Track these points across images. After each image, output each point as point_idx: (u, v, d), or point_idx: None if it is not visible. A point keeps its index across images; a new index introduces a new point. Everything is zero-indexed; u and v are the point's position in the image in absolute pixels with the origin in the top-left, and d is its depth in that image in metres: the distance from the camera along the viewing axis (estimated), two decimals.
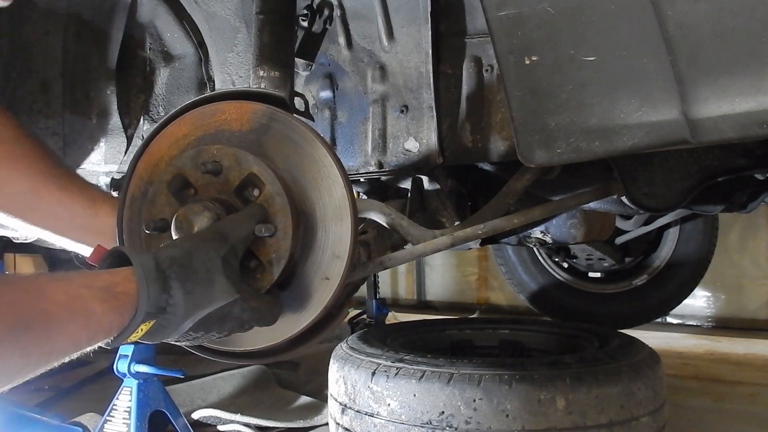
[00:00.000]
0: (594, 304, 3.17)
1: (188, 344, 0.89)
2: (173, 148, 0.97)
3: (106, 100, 1.71)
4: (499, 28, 0.87)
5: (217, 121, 0.96)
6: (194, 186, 0.92)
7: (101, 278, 0.73)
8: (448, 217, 1.67)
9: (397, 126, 1.46)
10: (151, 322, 0.74)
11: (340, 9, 1.47)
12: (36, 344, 0.63)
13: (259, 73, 1.24)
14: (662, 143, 0.84)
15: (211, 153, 0.91)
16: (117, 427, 1.79)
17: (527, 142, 0.90)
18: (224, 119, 0.95)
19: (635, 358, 1.56)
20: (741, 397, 2.61)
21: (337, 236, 0.92)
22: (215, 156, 0.91)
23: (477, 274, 5.31)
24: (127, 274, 0.74)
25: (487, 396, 1.36)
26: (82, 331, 0.68)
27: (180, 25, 1.70)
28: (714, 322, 4.34)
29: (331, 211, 0.92)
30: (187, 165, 0.92)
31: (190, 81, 1.74)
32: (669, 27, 0.78)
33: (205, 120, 0.96)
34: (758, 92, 0.76)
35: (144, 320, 0.73)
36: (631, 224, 2.94)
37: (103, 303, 0.70)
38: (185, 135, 0.97)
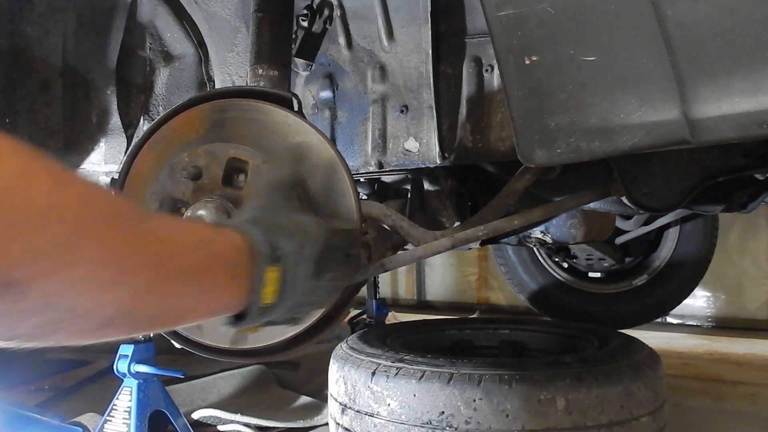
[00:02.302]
0: (594, 304, 3.17)
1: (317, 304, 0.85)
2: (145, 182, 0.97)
3: (106, 100, 1.71)
4: (499, 28, 0.87)
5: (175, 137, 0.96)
6: (184, 201, 0.92)
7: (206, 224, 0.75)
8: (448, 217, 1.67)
9: (397, 126, 1.46)
10: (276, 269, 0.72)
11: (340, 9, 1.47)
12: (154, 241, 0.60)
13: (257, 72, 1.24)
14: (662, 143, 0.84)
15: (183, 161, 0.92)
16: (117, 427, 1.79)
17: (527, 142, 0.90)
18: (179, 134, 0.96)
19: (635, 358, 1.56)
20: (741, 397, 2.61)
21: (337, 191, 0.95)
22: (188, 162, 0.91)
23: (477, 274, 5.31)
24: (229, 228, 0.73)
25: (487, 396, 1.36)
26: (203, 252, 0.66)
27: (180, 25, 1.70)
28: (714, 322, 4.33)
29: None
30: (167, 185, 0.92)
31: (190, 81, 1.74)
32: (669, 27, 0.78)
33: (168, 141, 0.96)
34: (758, 92, 0.76)
35: (267, 263, 0.71)
36: (631, 224, 2.94)
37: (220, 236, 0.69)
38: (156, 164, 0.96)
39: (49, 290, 0.48)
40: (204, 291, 0.66)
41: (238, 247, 0.70)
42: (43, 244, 0.47)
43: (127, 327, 0.60)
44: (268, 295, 0.72)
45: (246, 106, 0.95)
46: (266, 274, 0.71)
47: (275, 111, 0.95)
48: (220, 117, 0.95)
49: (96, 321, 0.55)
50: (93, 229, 0.52)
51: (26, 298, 0.47)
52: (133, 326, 0.61)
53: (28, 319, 0.49)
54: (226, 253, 0.69)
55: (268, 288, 0.72)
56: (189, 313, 0.66)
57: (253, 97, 0.97)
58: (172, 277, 0.61)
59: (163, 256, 0.60)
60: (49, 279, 0.48)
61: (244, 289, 0.70)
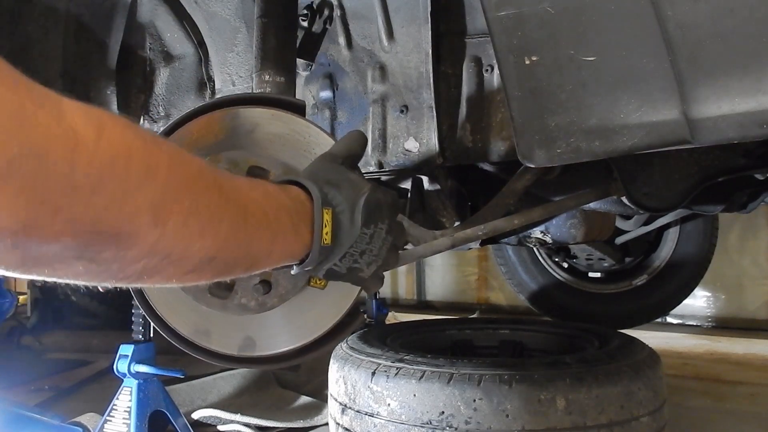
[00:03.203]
0: (594, 304, 3.17)
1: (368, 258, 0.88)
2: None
3: (106, 100, 1.71)
4: (499, 28, 0.87)
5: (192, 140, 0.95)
6: None
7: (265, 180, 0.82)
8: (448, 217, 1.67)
9: (397, 126, 1.46)
10: (330, 210, 0.81)
11: (340, 9, 1.47)
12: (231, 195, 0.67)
13: (263, 78, 1.23)
14: (662, 143, 0.84)
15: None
16: (117, 427, 1.79)
17: (527, 142, 0.90)
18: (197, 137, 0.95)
19: (635, 358, 1.56)
20: (741, 397, 2.61)
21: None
22: None
23: (477, 274, 5.31)
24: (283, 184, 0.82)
25: (487, 396, 1.36)
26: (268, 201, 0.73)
27: (180, 25, 1.70)
28: (714, 322, 4.34)
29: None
30: None
31: (190, 81, 1.74)
32: (669, 27, 0.78)
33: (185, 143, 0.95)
34: (758, 92, 0.76)
35: (322, 206, 0.80)
36: (631, 224, 2.94)
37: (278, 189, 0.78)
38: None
39: (150, 240, 0.55)
40: (275, 236, 0.73)
41: (298, 196, 0.80)
42: (142, 201, 0.54)
43: (212, 272, 0.67)
44: (326, 236, 0.80)
45: (265, 114, 0.95)
46: (324, 217, 0.80)
47: (296, 120, 0.95)
48: (238, 123, 0.95)
49: (187, 266, 0.62)
50: (182, 187, 0.59)
51: (132, 246, 0.54)
52: (217, 271, 0.68)
53: (133, 264, 0.56)
54: (289, 203, 0.77)
55: (326, 229, 0.80)
56: (263, 258, 0.74)
57: (270, 104, 0.97)
58: (249, 226, 0.68)
59: (241, 208, 0.68)
60: (149, 231, 0.55)
61: (307, 231, 0.79)
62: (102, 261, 0.54)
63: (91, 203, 0.49)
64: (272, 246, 0.73)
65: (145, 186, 0.54)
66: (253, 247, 0.70)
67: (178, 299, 0.97)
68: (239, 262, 0.70)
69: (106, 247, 0.53)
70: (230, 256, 0.68)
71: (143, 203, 0.54)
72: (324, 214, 0.79)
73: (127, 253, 0.55)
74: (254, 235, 0.70)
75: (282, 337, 0.96)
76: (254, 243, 0.70)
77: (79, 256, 0.52)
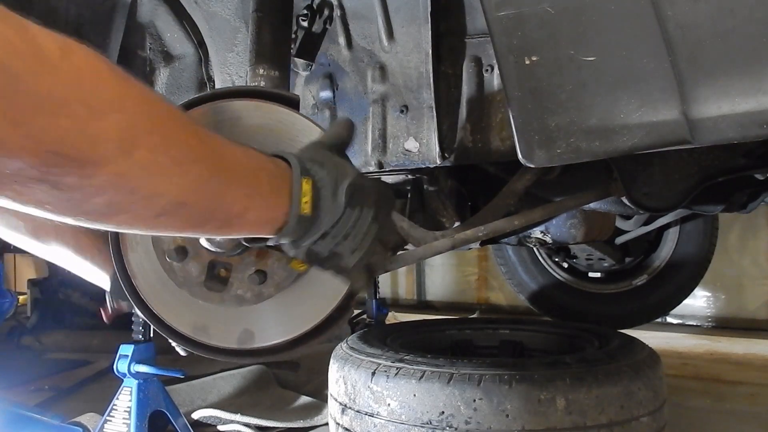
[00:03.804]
0: (594, 304, 3.17)
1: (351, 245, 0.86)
2: None
3: None
4: (499, 28, 0.87)
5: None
6: None
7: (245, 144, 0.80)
8: (448, 217, 1.67)
9: (397, 126, 1.46)
10: (309, 180, 0.78)
11: (340, 9, 1.47)
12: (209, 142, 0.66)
13: (258, 72, 1.23)
14: (662, 143, 0.84)
15: None
16: (117, 427, 1.79)
17: (527, 143, 0.90)
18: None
19: (635, 358, 1.56)
20: (741, 397, 2.61)
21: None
22: None
23: (477, 274, 5.31)
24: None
25: (487, 396, 1.36)
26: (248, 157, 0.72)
27: (180, 25, 1.70)
28: (714, 322, 4.33)
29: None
30: None
31: (190, 81, 1.74)
32: (669, 27, 0.78)
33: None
34: (758, 92, 0.76)
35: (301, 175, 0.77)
36: (631, 224, 2.93)
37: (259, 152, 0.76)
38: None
39: (114, 170, 0.54)
40: (252, 194, 0.72)
41: (280, 164, 0.78)
42: (108, 127, 0.53)
43: (182, 220, 0.66)
44: (305, 205, 0.78)
45: (248, 106, 0.95)
46: (302, 185, 0.77)
47: (279, 111, 0.95)
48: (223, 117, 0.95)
49: (155, 207, 0.61)
50: (154, 121, 0.58)
51: (95, 175, 0.53)
52: (188, 220, 0.67)
53: (96, 195, 0.55)
54: (271, 166, 0.76)
55: (305, 198, 0.77)
56: (238, 216, 0.71)
57: (261, 97, 0.96)
58: (224, 176, 0.67)
59: (217, 155, 0.66)
60: (114, 159, 0.54)
61: (287, 198, 0.76)
62: (65, 187, 0.53)
63: (53, 121, 0.49)
64: (248, 203, 0.71)
65: (113, 113, 0.53)
66: (227, 199, 0.68)
67: (175, 297, 0.97)
68: (212, 214, 0.68)
69: (69, 171, 0.52)
70: (202, 205, 0.66)
71: (110, 129, 0.53)
72: (303, 183, 0.77)
73: (91, 180, 0.54)
74: (229, 186, 0.68)
75: (280, 327, 0.96)
76: (228, 195, 0.68)
77: (41, 179, 0.51)
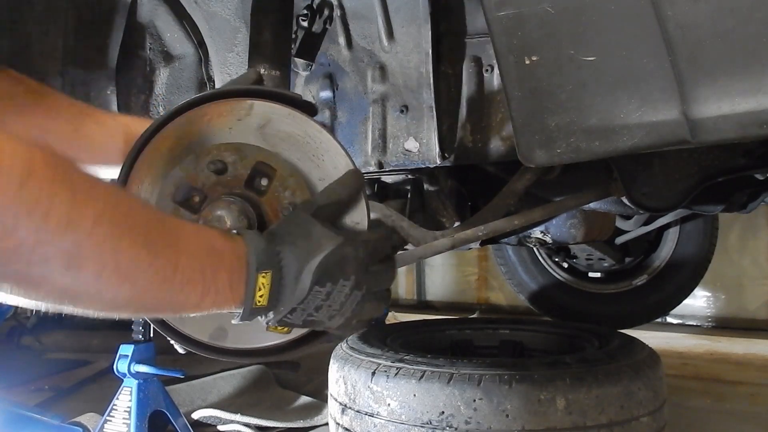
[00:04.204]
0: (594, 304, 3.17)
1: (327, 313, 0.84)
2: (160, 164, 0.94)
3: (106, 100, 1.71)
4: (499, 28, 0.87)
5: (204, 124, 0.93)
6: (201, 190, 0.90)
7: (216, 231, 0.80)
8: (448, 217, 1.67)
9: (397, 126, 1.46)
10: (268, 274, 0.77)
11: (340, 9, 1.47)
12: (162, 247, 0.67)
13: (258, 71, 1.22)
14: (662, 143, 0.84)
15: (211, 152, 0.91)
16: (117, 427, 1.79)
17: (527, 142, 0.90)
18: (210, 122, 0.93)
19: (635, 358, 1.56)
20: (741, 397, 2.61)
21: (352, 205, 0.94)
22: (216, 155, 0.91)
23: (477, 274, 5.31)
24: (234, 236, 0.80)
25: (487, 396, 1.36)
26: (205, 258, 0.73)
27: (180, 25, 1.70)
28: (714, 322, 4.33)
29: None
30: (188, 171, 0.90)
31: (190, 81, 1.74)
32: (669, 27, 0.78)
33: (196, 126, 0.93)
34: (758, 92, 0.76)
35: (259, 269, 0.77)
36: (631, 224, 2.93)
37: (223, 240, 0.76)
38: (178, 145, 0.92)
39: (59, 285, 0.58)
40: (206, 291, 0.73)
41: (239, 254, 0.77)
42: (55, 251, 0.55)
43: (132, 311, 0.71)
44: (260, 299, 0.78)
45: (281, 111, 0.94)
46: (258, 280, 0.77)
47: (310, 124, 0.94)
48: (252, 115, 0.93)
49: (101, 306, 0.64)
50: (105, 242, 0.59)
51: (40, 287, 0.57)
52: (137, 311, 0.72)
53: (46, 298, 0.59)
54: (232, 261, 0.76)
55: (261, 292, 0.78)
56: (192, 307, 0.74)
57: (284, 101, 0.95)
58: (177, 280, 0.69)
59: (171, 263, 0.68)
60: (59, 277, 0.57)
61: (241, 292, 0.77)
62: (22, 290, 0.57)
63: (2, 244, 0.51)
64: (202, 298, 0.73)
65: (63, 237, 0.55)
66: (178, 298, 0.71)
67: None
68: (162, 308, 0.73)
69: (16, 282, 0.56)
70: (150, 304, 0.70)
71: (56, 252, 0.55)
72: (260, 278, 0.77)
73: (38, 291, 0.58)
74: (182, 288, 0.70)
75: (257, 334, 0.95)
76: (180, 295, 0.70)
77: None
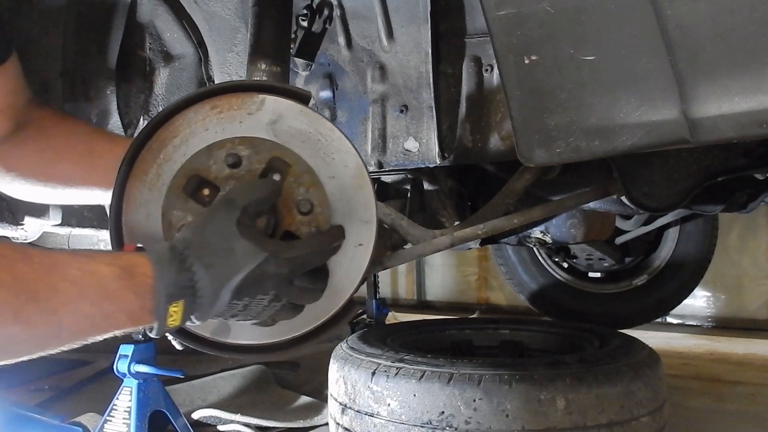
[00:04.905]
0: (594, 304, 3.17)
1: (243, 318, 0.85)
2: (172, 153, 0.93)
3: (106, 100, 1.71)
4: (499, 28, 0.87)
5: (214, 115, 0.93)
6: (212, 183, 0.90)
7: (123, 258, 0.74)
8: (447, 217, 1.67)
9: (396, 126, 1.46)
10: (179, 303, 0.74)
11: (340, 9, 1.47)
12: (39, 318, 0.64)
13: (258, 66, 1.22)
14: (662, 143, 0.84)
15: (225, 145, 0.90)
16: (117, 427, 1.79)
17: (527, 142, 0.90)
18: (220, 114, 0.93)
19: (635, 358, 1.56)
20: (741, 397, 2.61)
21: (361, 203, 0.93)
22: (231, 148, 0.90)
23: (477, 274, 5.31)
24: (145, 259, 0.74)
25: (487, 396, 1.36)
26: (93, 308, 0.69)
27: (180, 25, 1.70)
28: (714, 322, 4.33)
29: (350, 180, 0.93)
30: (201, 164, 0.90)
31: (189, 81, 1.74)
32: (669, 27, 0.78)
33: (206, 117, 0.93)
34: (758, 92, 0.76)
35: (168, 302, 0.73)
36: (631, 224, 2.93)
37: (120, 281, 0.71)
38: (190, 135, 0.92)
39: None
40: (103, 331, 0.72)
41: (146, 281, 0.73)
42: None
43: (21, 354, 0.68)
44: (173, 322, 0.75)
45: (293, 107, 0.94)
46: (169, 309, 0.73)
47: (321, 121, 0.94)
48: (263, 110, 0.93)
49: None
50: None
51: None
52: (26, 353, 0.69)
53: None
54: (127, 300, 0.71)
55: (172, 317, 0.74)
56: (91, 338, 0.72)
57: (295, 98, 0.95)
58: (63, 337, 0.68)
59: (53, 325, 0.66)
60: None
61: (147, 320, 0.74)
62: None
63: None
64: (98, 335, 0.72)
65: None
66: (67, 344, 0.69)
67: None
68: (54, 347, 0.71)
69: None
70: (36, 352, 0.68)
71: None
72: (170, 308, 0.73)
73: None
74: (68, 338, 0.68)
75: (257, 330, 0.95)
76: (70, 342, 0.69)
77: None
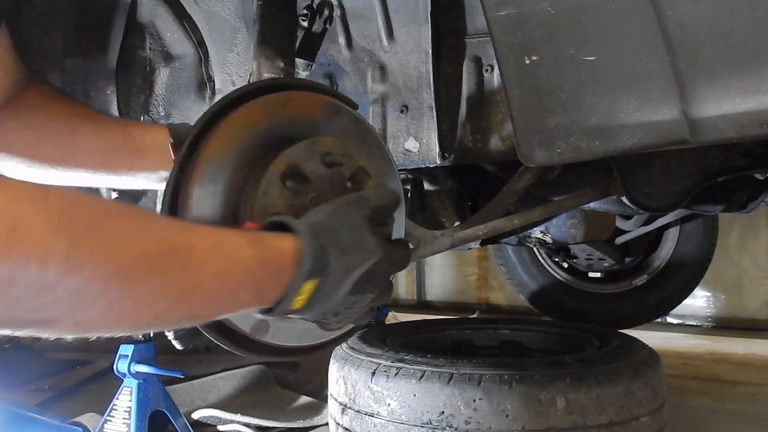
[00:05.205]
0: (594, 304, 3.17)
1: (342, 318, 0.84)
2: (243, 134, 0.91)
3: (106, 100, 1.71)
4: (499, 28, 0.87)
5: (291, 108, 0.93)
6: (309, 177, 0.89)
7: (253, 233, 0.74)
8: (448, 217, 1.67)
9: (397, 126, 1.46)
10: (314, 282, 0.73)
11: (340, 9, 1.47)
12: (178, 272, 0.62)
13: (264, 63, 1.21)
14: (662, 143, 0.84)
15: (326, 145, 0.90)
16: (117, 427, 1.79)
17: (527, 142, 0.90)
18: (295, 108, 0.93)
19: (635, 358, 1.56)
20: (741, 397, 2.61)
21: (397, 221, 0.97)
22: (331, 148, 0.90)
23: (477, 274, 5.31)
24: (281, 234, 0.74)
25: (487, 396, 1.36)
26: (229, 272, 0.67)
27: (180, 25, 1.70)
28: (714, 322, 4.33)
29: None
30: (301, 156, 0.89)
31: (190, 81, 1.74)
32: (669, 27, 0.78)
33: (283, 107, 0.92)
34: (758, 92, 0.76)
35: (307, 277, 0.72)
36: (631, 224, 2.93)
37: (253, 250, 0.70)
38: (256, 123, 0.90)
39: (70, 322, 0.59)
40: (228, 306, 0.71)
41: (283, 257, 0.72)
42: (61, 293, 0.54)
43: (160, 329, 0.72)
44: (298, 303, 0.74)
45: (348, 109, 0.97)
46: (303, 287, 0.73)
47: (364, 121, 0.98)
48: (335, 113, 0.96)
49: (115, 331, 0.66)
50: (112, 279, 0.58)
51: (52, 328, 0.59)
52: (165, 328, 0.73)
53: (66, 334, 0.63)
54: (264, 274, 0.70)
55: (301, 297, 0.73)
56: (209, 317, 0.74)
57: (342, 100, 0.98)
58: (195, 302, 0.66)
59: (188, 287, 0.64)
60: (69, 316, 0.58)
61: (277, 295, 0.73)
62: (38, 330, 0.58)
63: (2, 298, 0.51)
64: (220, 312, 0.72)
65: (66, 281, 0.54)
66: (196, 314, 0.69)
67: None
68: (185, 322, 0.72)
69: (30, 326, 0.56)
70: (172, 321, 0.69)
71: (63, 295, 0.54)
72: (305, 285, 0.73)
73: (53, 330, 0.59)
74: (199, 307, 0.67)
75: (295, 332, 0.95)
76: (199, 312, 0.69)
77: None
